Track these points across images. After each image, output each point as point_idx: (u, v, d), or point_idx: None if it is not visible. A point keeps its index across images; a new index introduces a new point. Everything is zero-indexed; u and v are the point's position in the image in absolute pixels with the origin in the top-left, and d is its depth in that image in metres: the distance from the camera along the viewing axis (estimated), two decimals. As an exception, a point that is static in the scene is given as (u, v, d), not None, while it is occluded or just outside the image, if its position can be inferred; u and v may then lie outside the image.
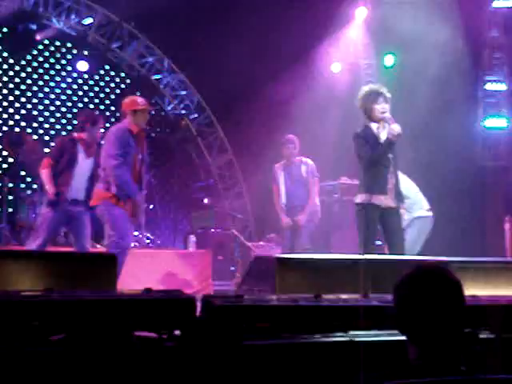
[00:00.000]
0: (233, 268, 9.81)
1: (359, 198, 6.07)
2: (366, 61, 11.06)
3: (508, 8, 10.35)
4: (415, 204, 7.24)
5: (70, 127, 11.34)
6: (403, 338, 2.19)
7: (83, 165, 6.78)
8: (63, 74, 11.36)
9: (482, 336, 3.23)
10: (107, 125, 11.43)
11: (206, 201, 10.56)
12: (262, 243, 9.82)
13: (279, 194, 8.11)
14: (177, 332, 3.20)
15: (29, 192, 9.89)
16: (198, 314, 3.29)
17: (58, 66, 11.43)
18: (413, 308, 2.14)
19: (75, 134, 6.94)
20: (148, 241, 10.08)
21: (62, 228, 7.46)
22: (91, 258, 4.57)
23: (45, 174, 6.72)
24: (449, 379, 2.05)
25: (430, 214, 7.28)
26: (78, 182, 6.75)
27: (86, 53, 11.49)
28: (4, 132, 10.64)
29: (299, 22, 9.92)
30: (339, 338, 3.24)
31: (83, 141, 6.82)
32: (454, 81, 9.50)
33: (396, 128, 5.92)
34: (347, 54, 10.95)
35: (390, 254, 5.80)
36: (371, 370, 2.39)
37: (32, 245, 6.54)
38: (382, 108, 6.04)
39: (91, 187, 6.64)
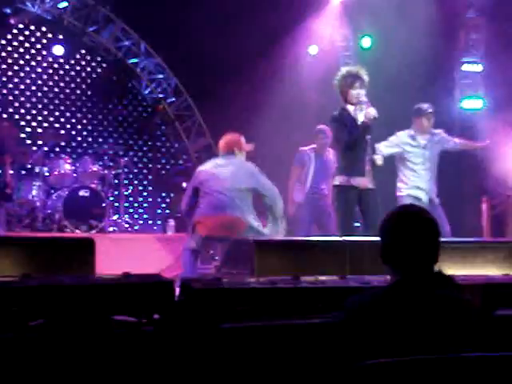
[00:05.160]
0: (212, 251, 9.80)
1: (338, 180, 6.10)
2: (344, 43, 11.05)
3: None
4: None
5: (45, 112, 11.25)
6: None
7: None
8: (38, 58, 11.21)
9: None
10: (79, 111, 11.45)
11: (184, 185, 10.49)
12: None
13: (302, 176, 8.10)
14: (156, 316, 3.19)
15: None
16: (176, 297, 3.29)
17: (32, 51, 11.27)
18: (395, 241, 2.47)
19: None
20: (127, 225, 10.05)
21: None
22: (69, 242, 4.55)
23: None
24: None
25: None
26: None
27: (61, 37, 11.36)
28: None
29: (275, 4, 9.87)
30: (318, 319, 3.25)
31: None
32: (430, 62, 9.51)
33: (372, 111, 5.94)
34: (324, 35, 10.91)
35: (366, 234, 5.82)
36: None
37: None
38: (356, 94, 6.05)
39: None
